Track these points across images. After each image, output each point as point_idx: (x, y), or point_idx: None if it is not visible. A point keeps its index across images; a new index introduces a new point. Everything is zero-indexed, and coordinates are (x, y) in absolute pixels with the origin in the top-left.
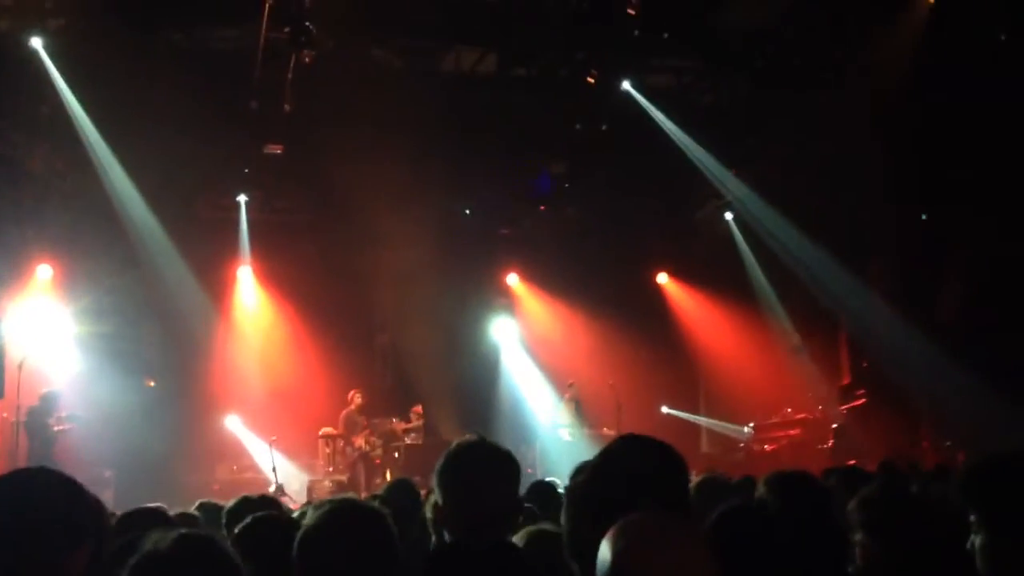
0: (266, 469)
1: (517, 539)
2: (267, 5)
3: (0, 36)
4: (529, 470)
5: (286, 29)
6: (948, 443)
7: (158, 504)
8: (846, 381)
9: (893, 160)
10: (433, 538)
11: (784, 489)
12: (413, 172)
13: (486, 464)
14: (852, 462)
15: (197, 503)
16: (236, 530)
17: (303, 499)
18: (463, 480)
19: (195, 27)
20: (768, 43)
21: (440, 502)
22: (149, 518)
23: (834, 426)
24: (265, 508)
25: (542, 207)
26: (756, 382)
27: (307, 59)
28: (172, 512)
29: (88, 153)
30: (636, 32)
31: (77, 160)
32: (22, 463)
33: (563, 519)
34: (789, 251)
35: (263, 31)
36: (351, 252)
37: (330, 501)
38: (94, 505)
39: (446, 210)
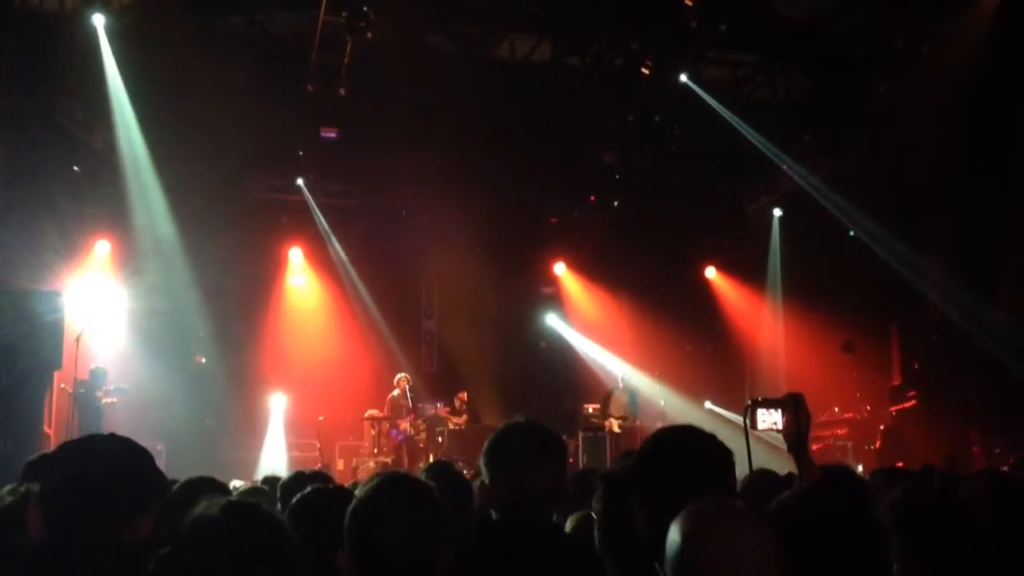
0: (311, 448)
1: (568, 524)
2: None
3: (67, 13)
4: (571, 460)
5: (343, 13)
6: (997, 449)
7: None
8: (896, 382)
9: (953, 155)
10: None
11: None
12: (463, 159)
13: (534, 445)
14: (900, 464)
15: (263, 477)
16: (293, 501)
17: (348, 479)
18: (511, 460)
19: (255, 10)
20: (826, 36)
21: (487, 481)
22: (209, 486)
23: (882, 427)
24: (318, 482)
25: (592, 197)
26: (803, 380)
27: (365, 39)
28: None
29: (118, 127)
30: (693, 23)
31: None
32: (75, 434)
33: (598, 506)
34: (842, 246)
35: (321, 15)
36: (399, 237)
37: (379, 475)
38: (157, 471)
39: (495, 198)
